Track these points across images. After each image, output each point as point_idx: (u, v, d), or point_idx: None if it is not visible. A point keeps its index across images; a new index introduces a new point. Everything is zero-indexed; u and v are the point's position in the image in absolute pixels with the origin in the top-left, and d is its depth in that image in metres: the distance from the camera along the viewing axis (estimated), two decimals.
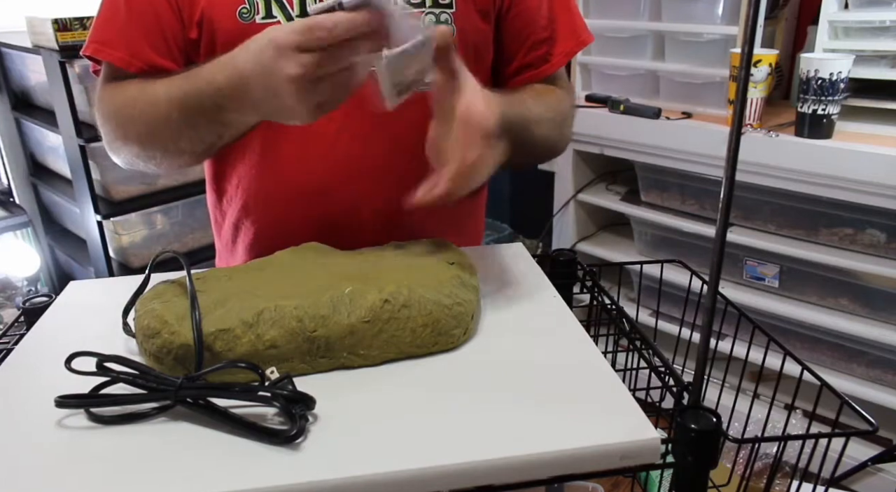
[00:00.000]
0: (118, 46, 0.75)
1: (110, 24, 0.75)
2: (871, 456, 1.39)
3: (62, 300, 0.69)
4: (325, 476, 0.43)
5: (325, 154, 0.79)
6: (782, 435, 0.52)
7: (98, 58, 0.76)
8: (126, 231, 1.96)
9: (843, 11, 1.49)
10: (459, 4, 0.78)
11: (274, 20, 0.73)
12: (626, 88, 1.87)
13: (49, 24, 1.69)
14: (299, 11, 0.73)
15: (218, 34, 0.74)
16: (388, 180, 0.81)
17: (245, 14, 0.73)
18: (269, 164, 0.80)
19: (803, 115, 1.46)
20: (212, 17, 0.73)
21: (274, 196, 0.81)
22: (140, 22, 0.74)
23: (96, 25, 0.76)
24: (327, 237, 0.71)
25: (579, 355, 0.57)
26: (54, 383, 0.51)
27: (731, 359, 0.75)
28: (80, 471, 0.45)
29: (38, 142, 2.18)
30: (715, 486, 0.59)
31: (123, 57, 0.74)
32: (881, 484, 1.57)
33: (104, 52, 0.75)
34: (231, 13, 0.73)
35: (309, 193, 0.80)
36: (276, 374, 0.50)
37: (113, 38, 0.75)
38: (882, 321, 1.52)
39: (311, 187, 0.79)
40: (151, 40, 0.74)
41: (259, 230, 0.83)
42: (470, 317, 0.60)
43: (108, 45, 0.75)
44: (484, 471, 0.45)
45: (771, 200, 1.60)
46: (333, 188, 0.80)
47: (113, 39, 0.75)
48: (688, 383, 0.55)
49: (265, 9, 0.73)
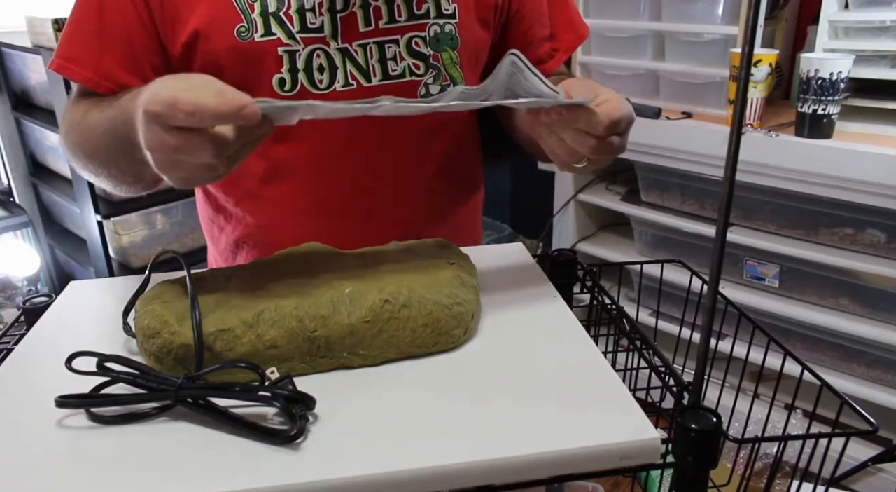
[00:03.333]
0: (86, 65, 0.72)
1: (79, 40, 0.73)
2: (871, 456, 1.39)
3: (62, 300, 0.69)
4: (325, 476, 0.43)
5: (333, 169, 0.78)
6: (782, 435, 0.52)
7: (64, 76, 0.74)
8: (126, 231, 1.96)
9: (843, 11, 1.49)
10: (462, 15, 0.78)
11: (273, 37, 0.71)
12: (627, 88, 1.86)
13: (49, 24, 1.69)
14: (299, 27, 0.71)
15: (215, 54, 0.71)
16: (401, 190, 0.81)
17: (244, 33, 0.71)
18: (276, 184, 0.79)
19: (803, 115, 1.46)
20: (208, 36, 0.71)
21: (282, 215, 0.80)
22: (111, 40, 0.72)
23: (66, 39, 0.73)
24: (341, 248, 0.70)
25: (579, 355, 0.57)
26: (54, 383, 0.51)
27: (732, 359, 0.75)
28: (80, 471, 0.45)
29: (38, 142, 2.18)
30: (715, 486, 0.59)
31: (91, 77, 0.72)
32: (881, 484, 1.57)
33: (71, 70, 0.73)
34: (228, 32, 0.70)
35: (319, 210, 0.79)
36: (276, 374, 0.50)
37: (81, 56, 0.72)
38: (882, 321, 1.52)
39: (321, 204, 0.79)
40: (121, 59, 0.72)
41: (265, 249, 0.82)
42: (470, 317, 0.60)
43: (76, 63, 0.72)
44: (484, 471, 0.45)
45: (771, 200, 1.60)
46: (344, 203, 0.79)
47: (81, 57, 0.72)
48: (688, 383, 0.55)
49: (264, 26, 0.71)
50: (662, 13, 1.75)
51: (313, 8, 0.71)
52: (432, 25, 0.77)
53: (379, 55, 0.75)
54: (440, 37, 0.77)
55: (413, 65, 0.77)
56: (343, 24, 0.72)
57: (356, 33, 0.73)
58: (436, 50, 0.77)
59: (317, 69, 0.73)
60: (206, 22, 0.70)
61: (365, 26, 0.73)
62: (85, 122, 0.70)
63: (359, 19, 0.73)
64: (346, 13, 0.72)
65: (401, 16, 0.75)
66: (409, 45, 0.76)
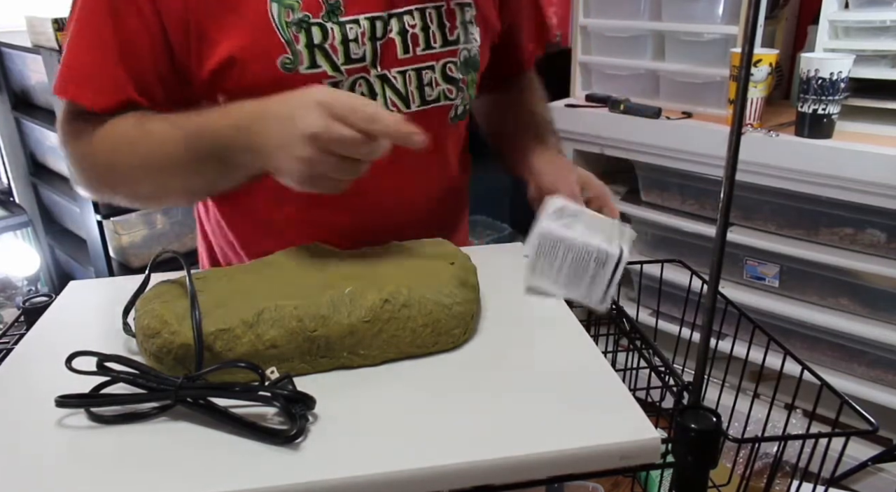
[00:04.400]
0: (104, 90, 0.68)
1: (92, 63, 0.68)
2: (871, 456, 1.39)
3: (62, 300, 0.69)
4: (325, 476, 0.43)
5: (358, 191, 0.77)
6: (782, 435, 0.52)
7: (80, 103, 0.69)
8: (126, 231, 1.96)
9: (843, 11, 1.49)
10: (482, 38, 0.81)
11: (319, 70, 0.69)
12: (627, 88, 1.86)
13: (49, 24, 1.69)
14: (344, 59, 0.70)
15: (252, 82, 0.68)
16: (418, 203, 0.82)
17: (288, 65, 0.68)
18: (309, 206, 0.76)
19: (803, 114, 1.46)
20: (245, 64, 0.68)
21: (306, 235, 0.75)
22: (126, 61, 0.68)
23: (74, 61, 0.69)
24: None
25: (579, 355, 0.57)
26: (54, 382, 0.51)
27: (732, 359, 0.75)
28: (80, 471, 0.45)
29: (38, 141, 2.18)
30: (715, 486, 0.59)
31: (109, 103, 0.68)
32: (881, 484, 1.57)
33: (86, 97, 0.68)
34: (270, 62, 0.68)
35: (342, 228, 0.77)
36: (276, 374, 0.50)
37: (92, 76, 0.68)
38: (882, 321, 1.52)
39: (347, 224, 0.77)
40: (137, 80, 0.69)
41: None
42: (470, 317, 0.60)
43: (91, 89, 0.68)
44: (484, 471, 0.45)
45: (771, 200, 1.60)
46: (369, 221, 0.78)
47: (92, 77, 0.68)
48: (688, 383, 0.55)
49: (309, 59, 0.69)
50: (662, 13, 1.75)
51: (356, 38, 0.70)
52: (462, 50, 0.78)
53: (417, 81, 0.76)
54: (468, 61, 0.80)
55: (447, 90, 0.78)
56: (382, 51, 0.72)
57: (395, 60, 0.73)
58: (463, 74, 0.79)
59: None
60: (243, 48, 0.67)
61: (403, 53, 0.74)
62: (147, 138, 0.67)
63: (397, 46, 0.73)
64: (384, 40, 0.72)
65: (436, 42, 0.76)
66: (443, 71, 0.77)
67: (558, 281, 0.66)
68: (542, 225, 0.66)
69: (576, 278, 0.65)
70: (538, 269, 0.67)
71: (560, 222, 0.67)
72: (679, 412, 0.46)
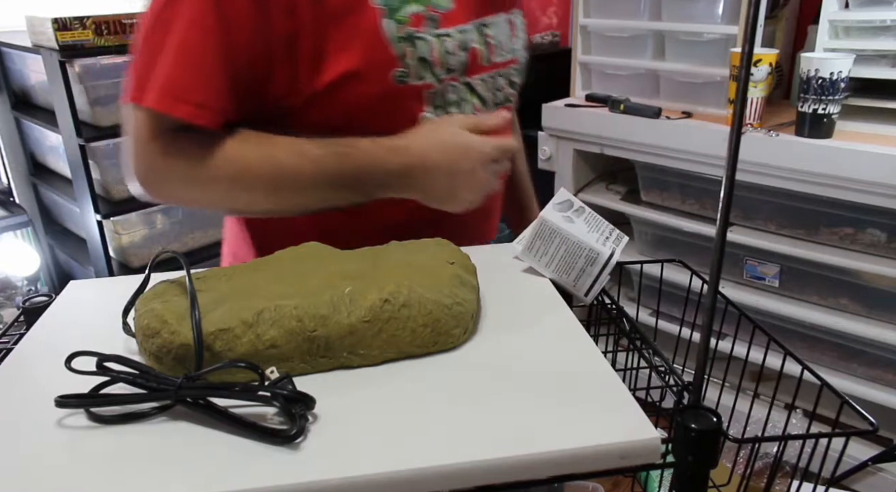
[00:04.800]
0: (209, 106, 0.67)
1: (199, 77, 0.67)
2: (871, 456, 1.40)
3: (62, 300, 0.69)
4: (325, 476, 0.43)
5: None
6: (782, 435, 0.52)
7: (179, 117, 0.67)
8: (126, 231, 1.96)
9: (843, 11, 1.49)
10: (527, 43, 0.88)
11: (424, 81, 0.73)
12: (627, 88, 1.87)
13: (49, 24, 1.69)
14: (444, 70, 0.74)
15: (367, 94, 0.71)
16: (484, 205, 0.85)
17: (400, 77, 0.72)
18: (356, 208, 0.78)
19: (803, 114, 1.46)
20: (363, 78, 0.70)
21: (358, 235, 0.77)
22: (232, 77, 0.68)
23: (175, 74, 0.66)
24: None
25: (579, 355, 0.57)
26: (54, 382, 0.51)
27: (732, 359, 0.75)
28: (80, 471, 0.45)
29: (38, 141, 2.18)
30: (715, 486, 0.59)
31: (217, 120, 0.68)
32: (881, 484, 1.57)
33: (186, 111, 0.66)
34: (384, 75, 0.71)
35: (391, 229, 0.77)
36: (275, 373, 0.50)
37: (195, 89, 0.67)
38: (882, 321, 1.52)
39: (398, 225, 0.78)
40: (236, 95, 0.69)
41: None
42: (470, 317, 0.60)
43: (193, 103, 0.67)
44: (484, 471, 0.45)
45: (771, 200, 1.60)
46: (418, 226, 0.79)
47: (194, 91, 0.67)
48: (688, 383, 0.55)
49: (418, 71, 0.73)
50: (662, 13, 1.75)
51: (452, 50, 0.74)
52: (521, 57, 0.85)
53: (494, 86, 0.82)
54: (524, 67, 0.86)
55: (511, 94, 0.85)
56: (469, 61, 0.77)
57: (478, 67, 0.78)
58: (520, 79, 0.86)
59: (451, 105, 0.78)
60: (362, 62, 0.70)
61: (485, 61, 0.79)
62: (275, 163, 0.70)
63: (479, 54, 0.78)
64: (469, 50, 0.77)
65: (506, 50, 0.82)
66: (509, 77, 0.84)
67: (549, 266, 0.70)
68: (546, 211, 0.70)
69: (566, 268, 0.69)
70: (534, 249, 0.70)
71: (563, 214, 0.70)
72: (679, 412, 0.46)
